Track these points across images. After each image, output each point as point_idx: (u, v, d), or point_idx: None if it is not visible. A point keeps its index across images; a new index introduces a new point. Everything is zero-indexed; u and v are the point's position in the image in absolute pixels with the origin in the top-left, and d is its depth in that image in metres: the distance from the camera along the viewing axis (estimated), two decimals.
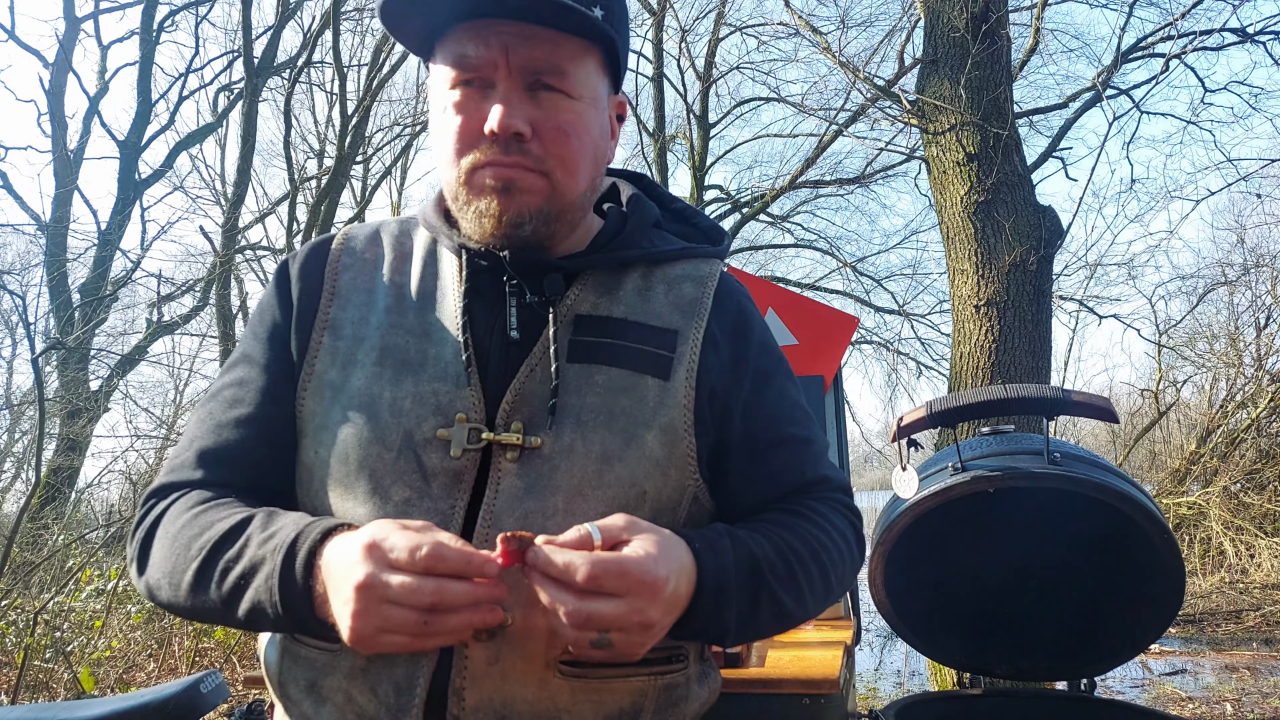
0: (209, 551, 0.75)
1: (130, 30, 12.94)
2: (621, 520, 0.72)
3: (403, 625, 0.64)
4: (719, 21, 12.12)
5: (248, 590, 0.73)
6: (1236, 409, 9.72)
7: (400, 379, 0.82)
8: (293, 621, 0.72)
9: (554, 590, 0.66)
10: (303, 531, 0.72)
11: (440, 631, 0.65)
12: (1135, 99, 6.09)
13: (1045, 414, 1.68)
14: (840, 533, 0.89)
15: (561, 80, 0.81)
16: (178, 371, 12.54)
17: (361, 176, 13.22)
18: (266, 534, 0.74)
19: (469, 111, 0.81)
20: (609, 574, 0.66)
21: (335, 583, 0.67)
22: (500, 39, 0.80)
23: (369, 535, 0.66)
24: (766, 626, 0.82)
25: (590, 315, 0.86)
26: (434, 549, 0.64)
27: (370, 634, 0.65)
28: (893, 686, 5.23)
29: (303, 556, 0.71)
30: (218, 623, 0.78)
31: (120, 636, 4.91)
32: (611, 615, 0.66)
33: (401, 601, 0.63)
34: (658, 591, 0.68)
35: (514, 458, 0.80)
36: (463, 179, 0.82)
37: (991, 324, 4.37)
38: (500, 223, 0.81)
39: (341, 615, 0.66)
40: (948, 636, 1.83)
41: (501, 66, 0.80)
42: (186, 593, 0.76)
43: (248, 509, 0.79)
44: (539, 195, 0.82)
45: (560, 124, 0.82)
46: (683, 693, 0.86)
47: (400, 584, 0.63)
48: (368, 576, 0.64)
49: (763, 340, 0.94)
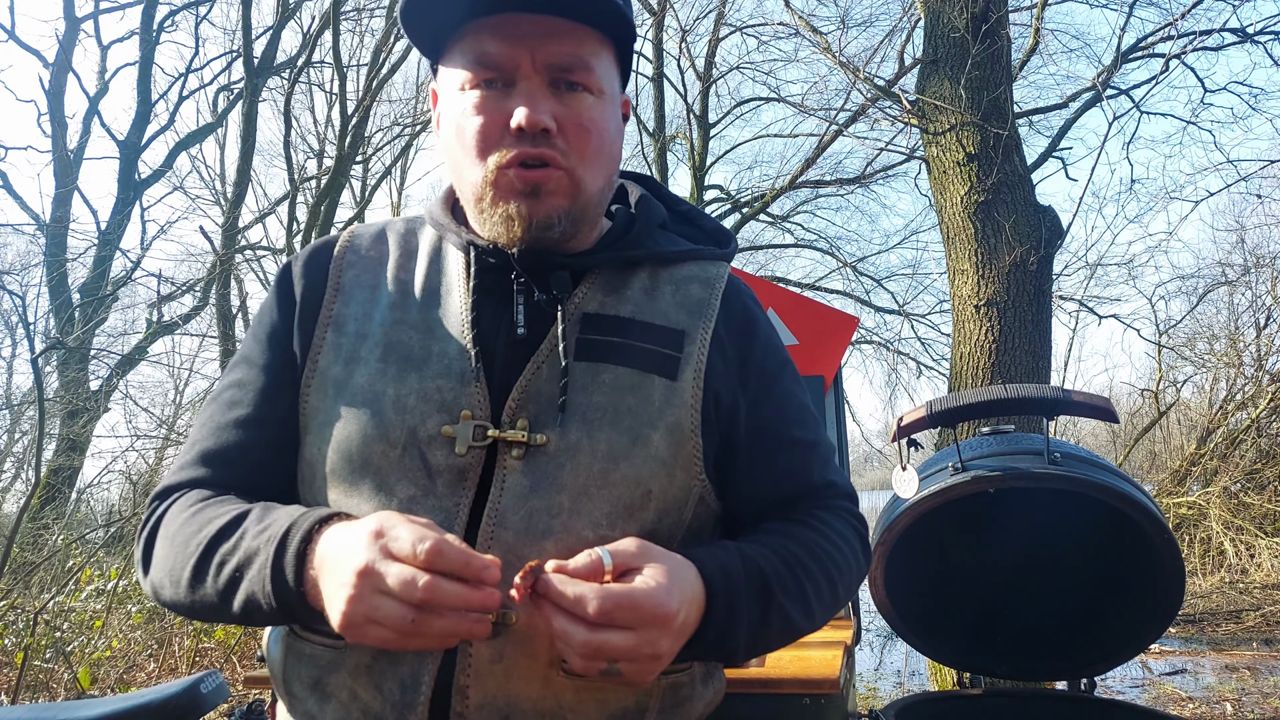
0: (206, 546, 0.76)
1: (130, 30, 12.94)
2: (634, 546, 0.71)
3: (389, 618, 0.63)
4: (719, 21, 12.11)
5: (243, 582, 0.73)
6: (1236, 409, 9.72)
7: (404, 375, 0.82)
8: (285, 611, 0.72)
9: (564, 621, 0.66)
10: (296, 521, 0.73)
11: (425, 633, 0.64)
12: (1135, 99, 6.09)
13: (1045, 414, 1.68)
14: (847, 542, 0.89)
15: (586, 76, 0.82)
16: (178, 371, 12.55)
17: (361, 176, 13.20)
18: (261, 526, 0.74)
19: (490, 110, 0.81)
20: (620, 608, 0.66)
21: (332, 567, 0.67)
22: (524, 35, 0.79)
23: (376, 523, 0.67)
24: (775, 642, 0.82)
25: (598, 314, 0.86)
26: (436, 544, 0.63)
27: (359, 621, 0.65)
28: (893, 686, 5.23)
29: (295, 545, 0.71)
30: (217, 618, 0.78)
31: (120, 636, 4.91)
32: (622, 647, 0.66)
33: (394, 593, 0.63)
34: (669, 624, 0.68)
35: (519, 455, 0.79)
36: (490, 179, 0.81)
37: (991, 324, 4.37)
38: (530, 226, 0.81)
39: (335, 599, 0.66)
40: (948, 636, 1.83)
41: (525, 64, 0.80)
42: (186, 589, 0.77)
43: (245, 504, 0.79)
44: (565, 196, 0.82)
45: (583, 120, 0.82)
46: (688, 693, 0.86)
47: (396, 574, 0.63)
48: (368, 563, 0.64)
49: (769, 343, 0.94)
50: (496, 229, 0.82)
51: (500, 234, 0.83)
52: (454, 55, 0.84)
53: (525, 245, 0.83)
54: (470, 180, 0.83)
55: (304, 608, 0.71)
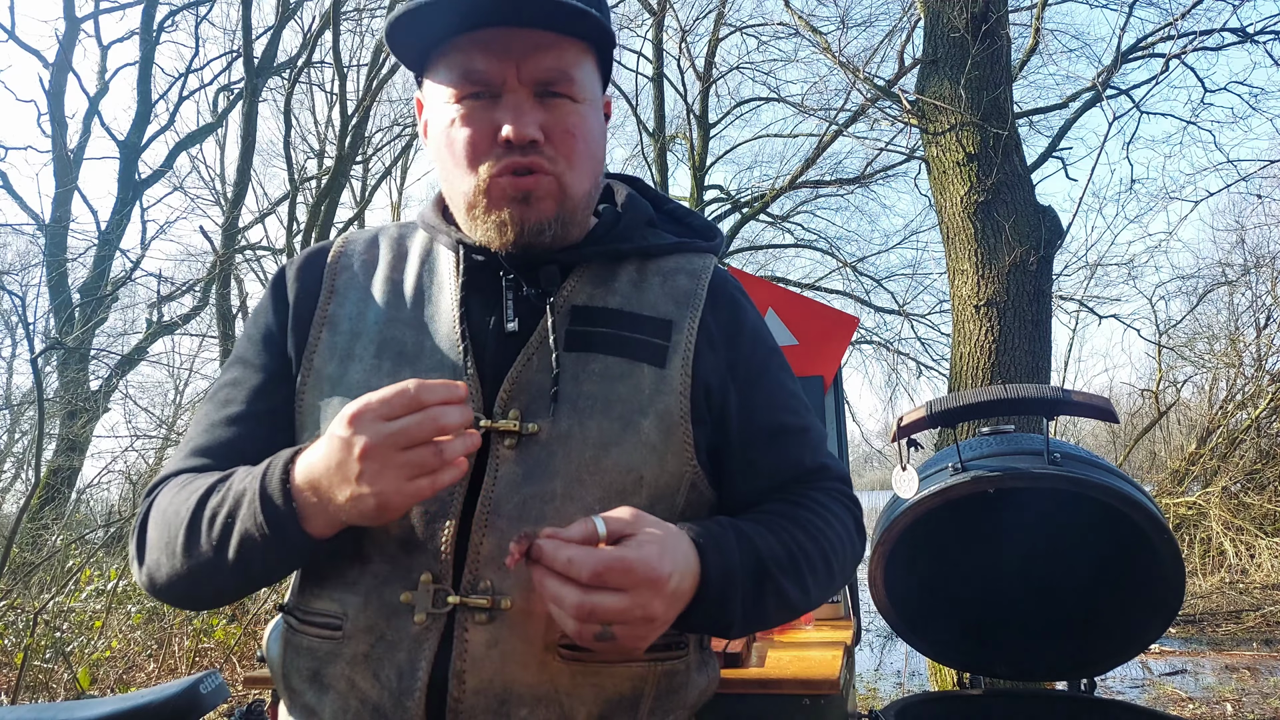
0: (196, 506, 0.77)
1: (130, 30, 12.97)
2: (627, 514, 0.72)
3: (424, 462, 0.67)
4: (719, 21, 12.11)
5: (235, 524, 0.74)
6: (1236, 409, 9.71)
7: (398, 371, 0.84)
8: (281, 541, 0.73)
9: (558, 584, 0.67)
10: (275, 456, 0.75)
11: (449, 460, 0.68)
12: (1135, 99, 6.08)
13: (1045, 414, 1.68)
14: (841, 522, 0.90)
15: (569, 86, 0.84)
16: (178, 371, 12.56)
17: (361, 176, 13.20)
18: (245, 473, 0.77)
19: (477, 122, 0.83)
20: (613, 570, 0.66)
21: (331, 474, 0.69)
22: (509, 50, 0.81)
23: (348, 411, 0.69)
24: (771, 618, 0.83)
25: (586, 306, 0.88)
26: (419, 387, 0.68)
27: (394, 491, 0.68)
28: (893, 686, 5.23)
29: (278, 474, 0.73)
30: (216, 579, 0.78)
31: (120, 637, 4.91)
32: (615, 609, 0.67)
33: (417, 438, 0.67)
34: (661, 587, 0.69)
35: (512, 444, 0.81)
36: (483, 186, 0.83)
37: (991, 324, 4.37)
38: (522, 232, 0.83)
39: (358, 494, 0.68)
40: (948, 636, 1.83)
41: (511, 78, 0.82)
42: (182, 554, 0.77)
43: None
44: (554, 201, 0.84)
45: (568, 127, 0.84)
46: (682, 680, 0.86)
47: (407, 425, 0.67)
48: (370, 440, 0.67)
49: (756, 331, 0.95)
50: (490, 235, 0.84)
51: (493, 239, 0.85)
52: (439, 69, 0.85)
53: (518, 250, 0.85)
54: (462, 189, 0.85)
55: (299, 532, 0.72)
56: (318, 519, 0.72)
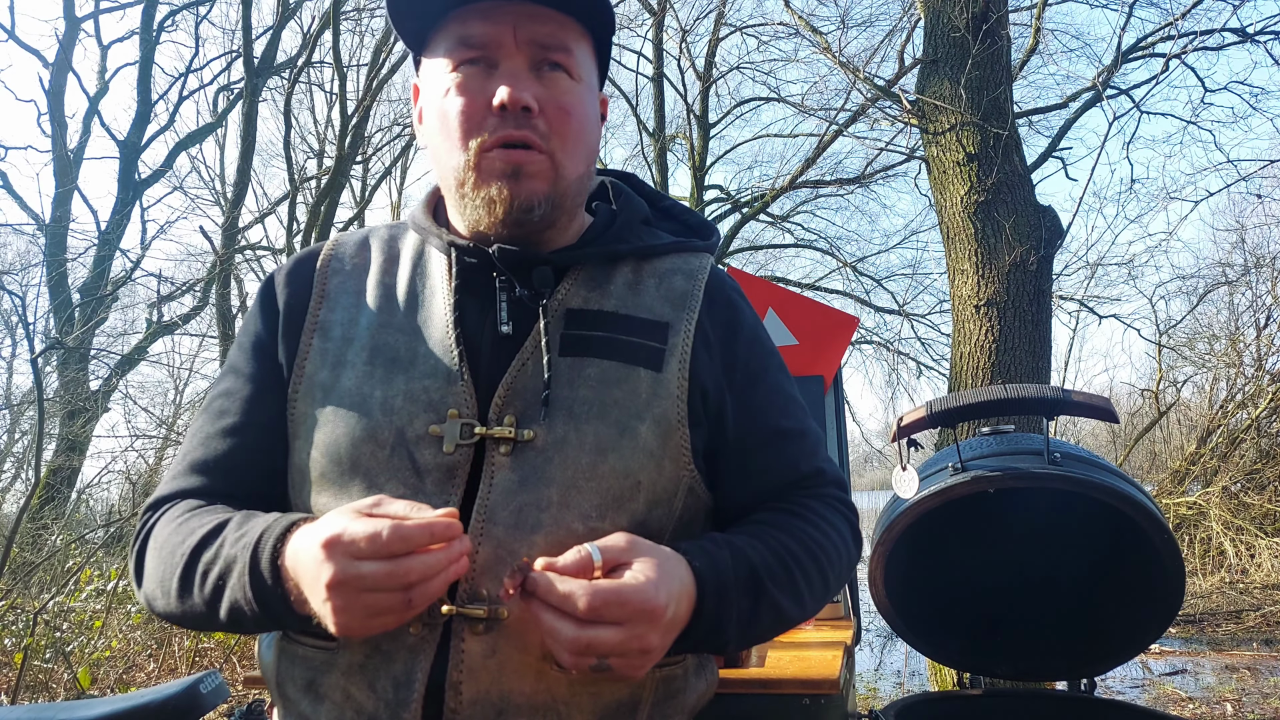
0: (189, 556, 0.76)
1: (130, 30, 12.96)
2: (623, 541, 0.72)
3: (389, 607, 0.66)
4: (719, 21, 12.10)
5: (225, 590, 0.74)
6: (1236, 409, 9.72)
7: (391, 377, 0.82)
8: (271, 619, 0.73)
9: (553, 618, 0.66)
10: (269, 528, 0.73)
11: (423, 600, 0.66)
12: (1135, 99, 6.07)
13: (1045, 414, 1.68)
14: (837, 530, 0.89)
15: (566, 58, 0.84)
16: (178, 371, 12.56)
17: (361, 176, 13.20)
18: (239, 533, 0.75)
19: (472, 91, 0.82)
20: (609, 604, 0.66)
21: (307, 581, 0.68)
22: (507, 16, 0.82)
23: (326, 531, 0.67)
24: (765, 633, 0.82)
25: (581, 309, 0.86)
26: (394, 532, 0.65)
27: (358, 624, 0.66)
28: (893, 686, 5.23)
29: (268, 553, 0.71)
30: (208, 627, 0.78)
31: (120, 636, 4.91)
32: (611, 643, 0.66)
33: (382, 587, 0.65)
34: (657, 619, 0.68)
35: (507, 451, 0.80)
36: (473, 162, 0.81)
37: (991, 324, 4.37)
38: (511, 208, 0.81)
39: (323, 613, 0.67)
40: (948, 636, 1.83)
41: (508, 44, 0.82)
42: (176, 599, 0.77)
43: (228, 513, 0.79)
44: (545, 180, 0.83)
45: (563, 103, 0.83)
46: (680, 685, 0.86)
47: (374, 572, 0.64)
48: (337, 573, 0.65)
49: (754, 333, 0.94)
50: (478, 212, 0.83)
51: (482, 217, 0.83)
52: (438, 43, 0.85)
53: (506, 230, 0.83)
54: (452, 165, 0.84)
55: (288, 610, 0.71)
56: (304, 605, 0.71)
